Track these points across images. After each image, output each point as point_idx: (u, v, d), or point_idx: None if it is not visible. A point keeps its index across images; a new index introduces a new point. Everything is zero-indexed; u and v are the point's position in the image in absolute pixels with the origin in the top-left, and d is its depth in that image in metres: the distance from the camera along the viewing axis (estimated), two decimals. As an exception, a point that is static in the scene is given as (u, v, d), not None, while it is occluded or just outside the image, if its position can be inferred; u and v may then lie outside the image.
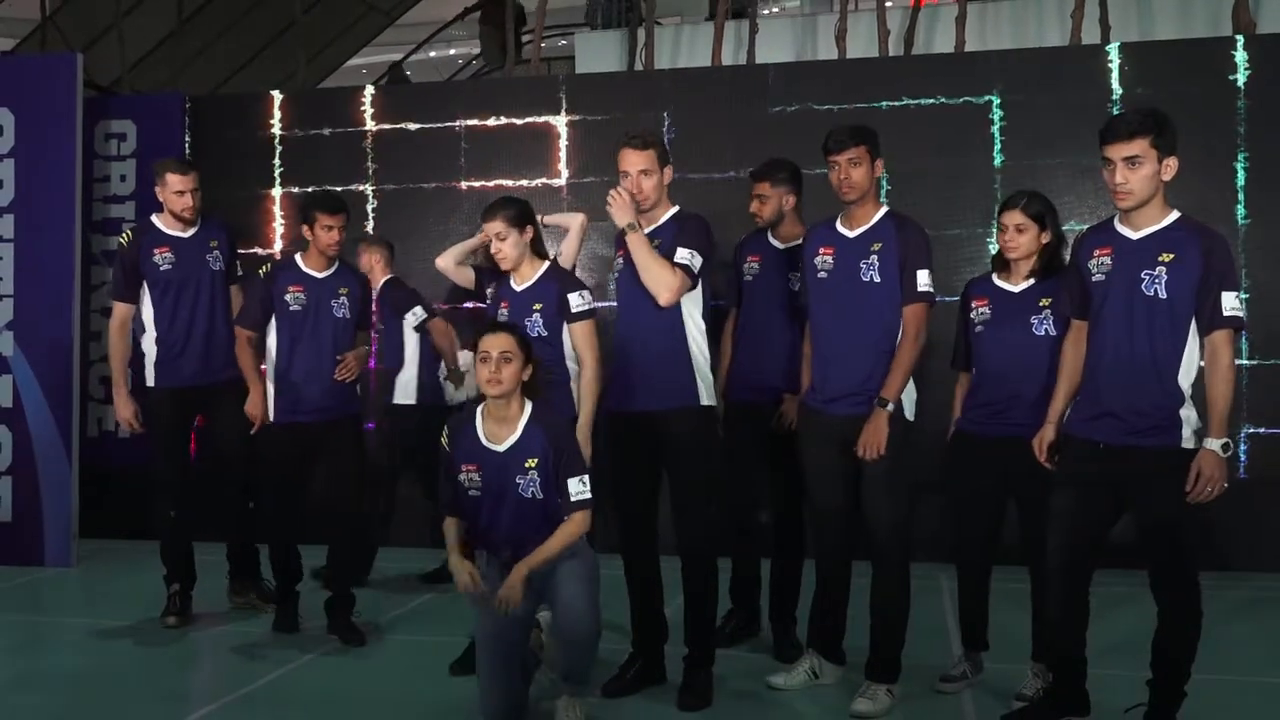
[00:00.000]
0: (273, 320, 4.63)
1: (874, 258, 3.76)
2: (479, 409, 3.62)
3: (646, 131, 3.92)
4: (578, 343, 3.93)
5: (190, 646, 4.63)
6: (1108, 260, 3.32)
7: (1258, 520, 5.89)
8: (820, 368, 3.88)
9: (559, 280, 4.02)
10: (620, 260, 3.93)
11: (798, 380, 4.08)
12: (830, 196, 3.89)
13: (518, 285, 4.02)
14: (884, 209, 3.87)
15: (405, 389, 5.64)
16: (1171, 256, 3.22)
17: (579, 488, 3.51)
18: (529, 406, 3.57)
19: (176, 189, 4.87)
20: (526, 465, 3.50)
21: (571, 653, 3.48)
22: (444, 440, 3.65)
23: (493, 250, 4.02)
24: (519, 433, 3.54)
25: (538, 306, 3.94)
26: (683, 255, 3.76)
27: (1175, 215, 3.29)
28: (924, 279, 3.74)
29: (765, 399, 4.29)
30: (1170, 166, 3.23)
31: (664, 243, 3.80)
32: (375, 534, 5.78)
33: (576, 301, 3.94)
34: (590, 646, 3.49)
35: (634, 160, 3.81)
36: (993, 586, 4.01)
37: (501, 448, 3.54)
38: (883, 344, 3.77)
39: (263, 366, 4.72)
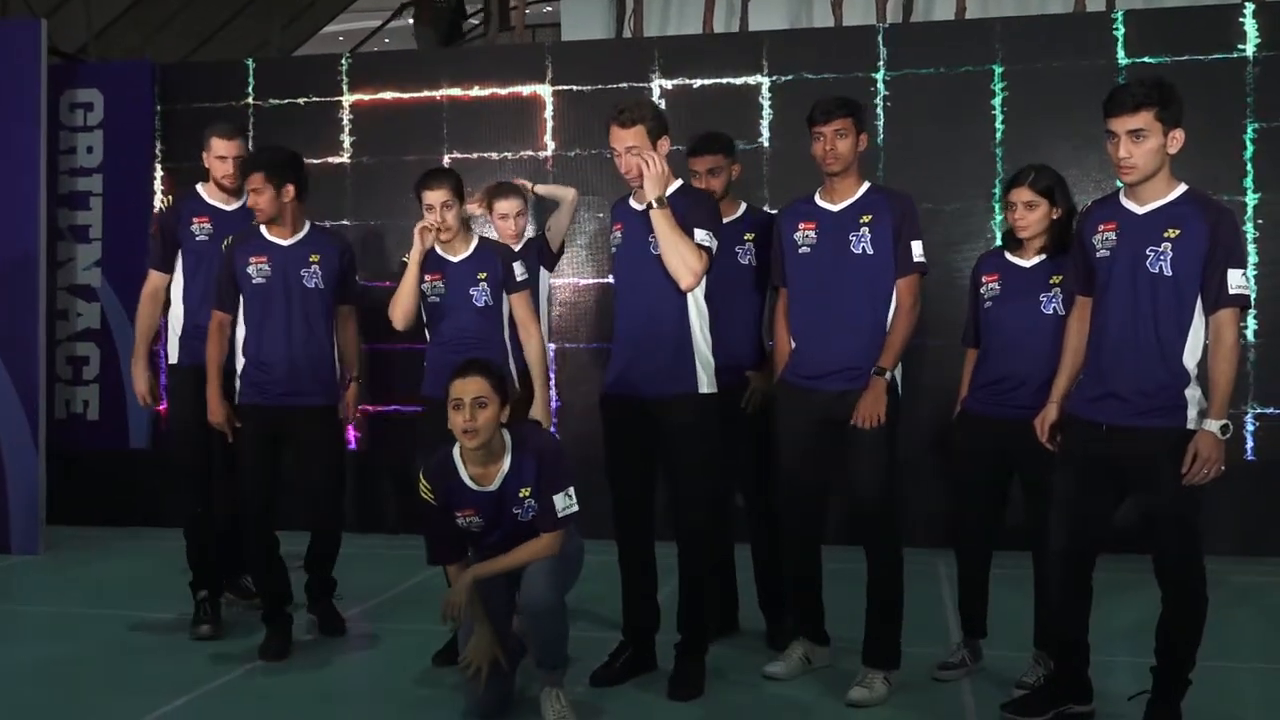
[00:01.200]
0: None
1: (864, 230, 3.80)
2: (455, 453, 3.55)
3: (636, 105, 3.84)
4: (521, 314, 4.18)
5: (165, 637, 4.60)
6: (1112, 236, 3.31)
7: (1265, 503, 5.91)
8: (805, 344, 3.88)
9: (498, 251, 4.27)
10: (619, 234, 3.90)
11: (762, 356, 4.19)
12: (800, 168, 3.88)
13: (453, 257, 4.19)
14: (866, 182, 3.91)
15: None
16: (1177, 232, 3.22)
17: (565, 502, 3.52)
18: (508, 437, 3.54)
19: (219, 154, 4.70)
20: (521, 495, 3.52)
21: (535, 629, 3.50)
22: (425, 493, 3.57)
23: (432, 221, 4.13)
24: (506, 468, 3.53)
25: (482, 275, 4.17)
26: (701, 237, 3.73)
27: (1182, 189, 3.28)
28: (918, 250, 3.81)
29: (733, 380, 4.23)
30: (1176, 139, 3.22)
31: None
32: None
33: (519, 271, 4.23)
34: (551, 621, 3.47)
35: (621, 138, 3.75)
36: (992, 572, 4.01)
37: (492, 487, 3.54)
38: (875, 316, 3.81)
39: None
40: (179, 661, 4.29)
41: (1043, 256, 3.87)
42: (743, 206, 4.44)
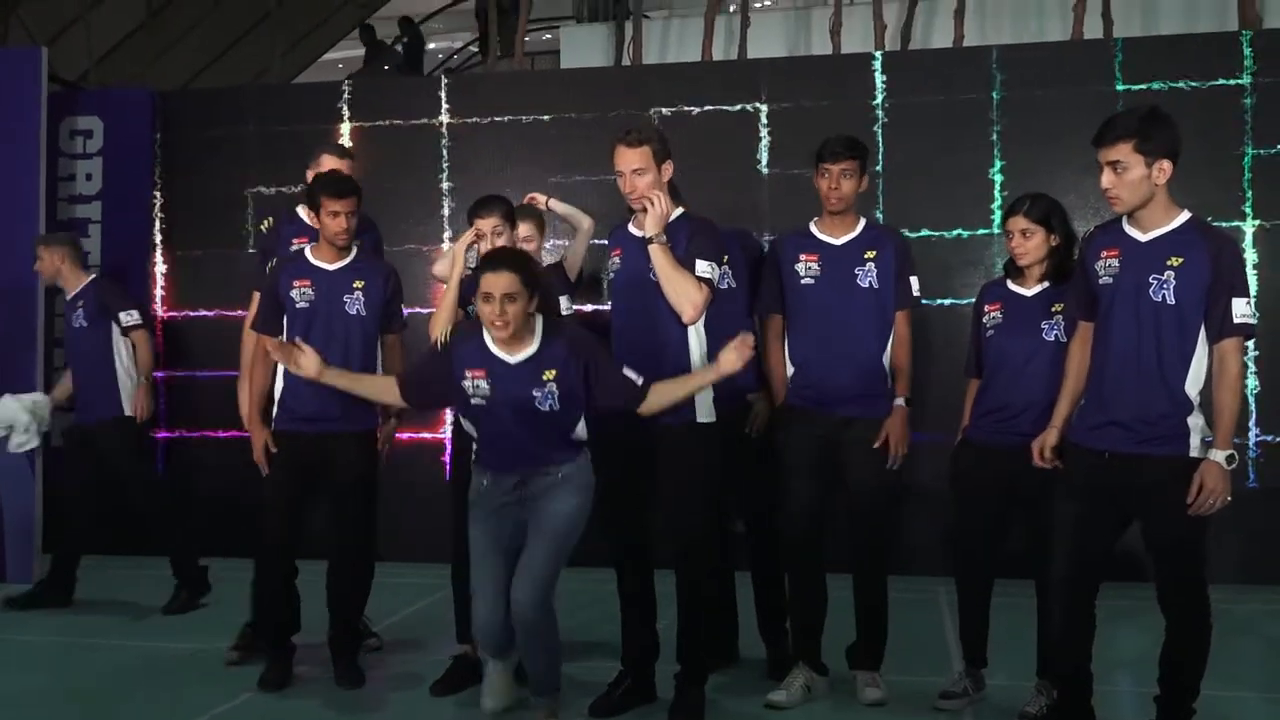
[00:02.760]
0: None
1: (870, 265, 4.02)
2: (484, 329, 3.49)
3: (641, 127, 3.91)
4: None
5: (160, 667, 4.59)
6: (1115, 263, 3.32)
7: (1268, 532, 5.89)
8: (810, 371, 4.04)
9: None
10: (617, 261, 3.92)
11: (762, 379, 4.27)
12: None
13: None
14: (862, 219, 4.13)
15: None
16: (1180, 260, 3.22)
17: (635, 374, 3.53)
18: (539, 323, 3.50)
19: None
20: (544, 377, 3.45)
21: (525, 645, 3.49)
22: (441, 340, 3.59)
23: (482, 248, 4.04)
24: (535, 346, 3.48)
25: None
26: (703, 269, 3.76)
27: (1185, 217, 3.29)
28: (916, 285, 4.09)
29: (732, 405, 4.24)
30: (1164, 170, 3.22)
31: (674, 247, 3.77)
32: None
33: (564, 305, 4.22)
34: (535, 634, 3.45)
35: (627, 159, 3.78)
36: (994, 600, 4.00)
37: (515, 359, 3.47)
38: (879, 346, 4.03)
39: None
40: (174, 691, 4.27)
41: (1044, 285, 3.90)
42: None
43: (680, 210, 3.89)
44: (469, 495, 3.64)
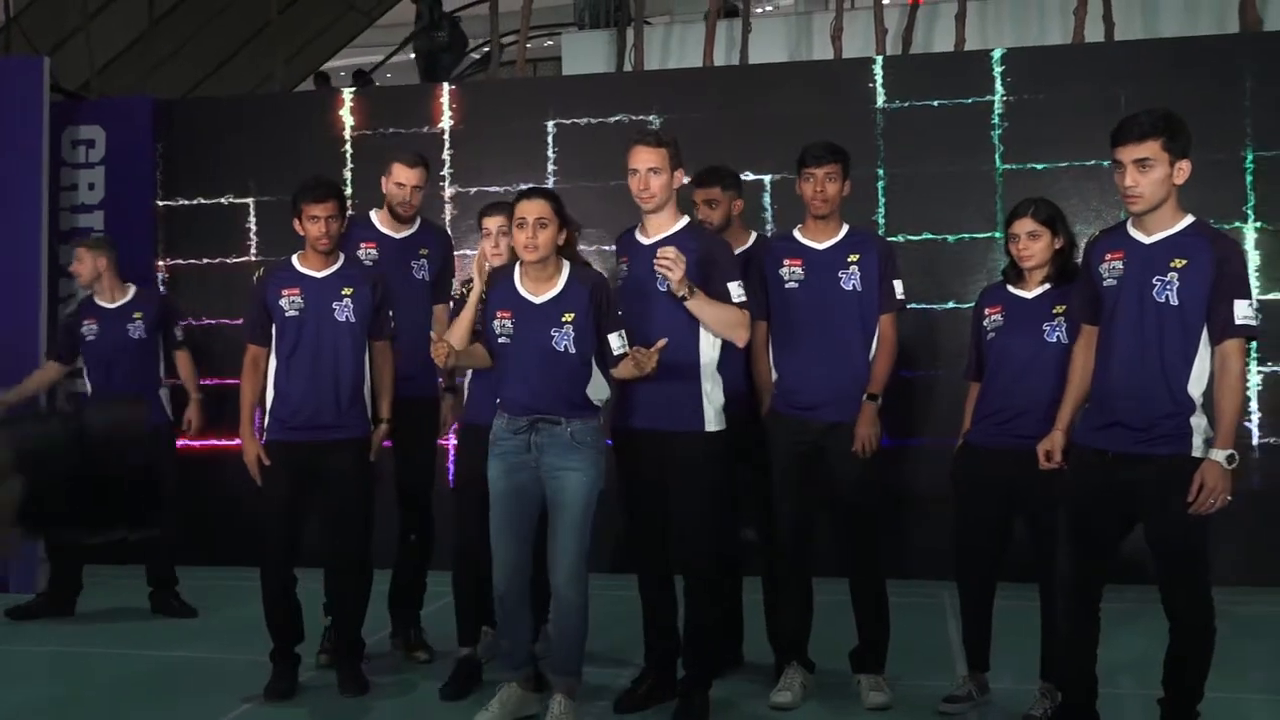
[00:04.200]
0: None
1: (854, 269, 4.07)
2: (517, 265, 3.78)
3: (662, 131, 4.01)
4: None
5: (162, 676, 4.60)
6: (1119, 265, 3.34)
7: (1271, 533, 5.90)
8: (795, 376, 4.08)
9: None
10: (625, 268, 3.97)
11: (749, 383, 4.28)
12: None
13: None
14: (845, 224, 4.17)
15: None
16: (1184, 262, 3.24)
17: (616, 342, 3.72)
18: (566, 266, 3.78)
19: (399, 180, 4.66)
20: (563, 319, 3.68)
21: (556, 625, 3.74)
22: (481, 287, 3.84)
23: (492, 251, 4.17)
24: (559, 288, 3.73)
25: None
26: (736, 292, 3.85)
27: (1189, 220, 3.31)
28: (899, 288, 4.13)
29: (737, 409, 4.26)
30: (1183, 170, 3.24)
31: (686, 257, 3.79)
32: None
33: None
34: (571, 611, 3.68)
35: (645, 157, 3.83)
36: (997, 604, 4.01)
37: (539, 300, 3.72)
38: (863, 350, 4.09)
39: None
40: (175, 700, 4.29)
41: (1046, 287, 3.91)
42: (753, 237, 4.55)
43: (685, 220, 3.94)
44: (489, 436, 3.79)
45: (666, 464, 3.86)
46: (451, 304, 4.49)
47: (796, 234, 4.19)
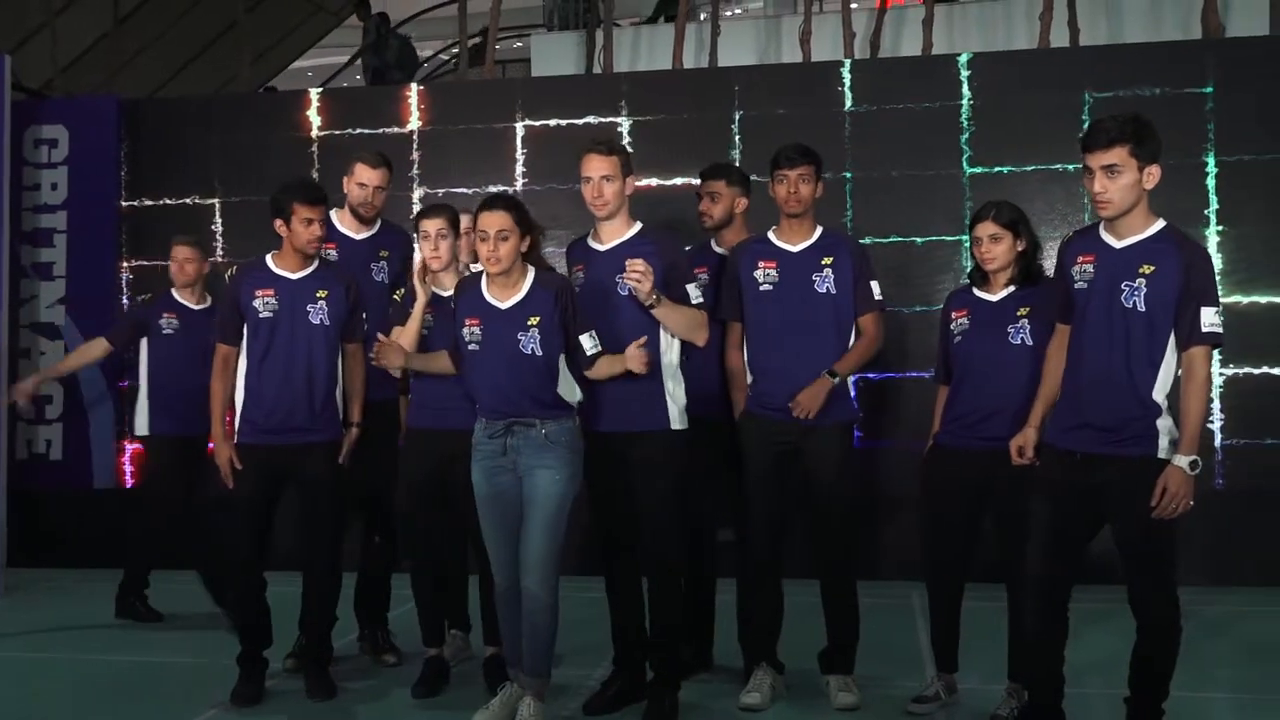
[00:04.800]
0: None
1: (828, 271, 4.08)
2: (484, 274, 3.81)
3: (611, 139, 4.02)
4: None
5: (125, 681, 4.54)
6: (1090, 268, 3.38)
7: (1235, 534, 5.96)
8: (769, 378, 4.08)
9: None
10: (580, 276, 3.98)
11: (723, 386, 4.28)
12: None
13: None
14: (819, 226, 4.19)
15: None
16: (1152, 268, 3.27)
17: (588, 342, 3.75)
18: (531, 271, 3.79)
19: (361, 180, 4.61)
20: (529, 323, 3.71)
21: (527, 622, 3.69)
22: (450, 297, 3.92)
23: (430, 253, 4.16)
24: (523, 293, 3.75)
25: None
26: (694, 294, 3.91)
27: (1159, 225, 3.33)
28: (877, 289, 4.14)
29: (715, 410, 4.29)
30: (1152, 175, 3.27)
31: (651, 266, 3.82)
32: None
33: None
34: (541, 611, 3.64)
35: (597, 165, 3.87)
36: (965, 604, 4.02)
37: (505, 305, 3.74)
38: (837, 351, 4.07)
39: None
40: (140, 706, 4.23)
41: (1010, 289, 3.93)
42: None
43: (638, 226, 3.96)
44: (472, 439, 3.82)
45: (633, 464, 3.86)
46: (391, 310, 4.41)
47: (771, 236, 4.20)
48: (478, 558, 4.14)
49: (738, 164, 6.42)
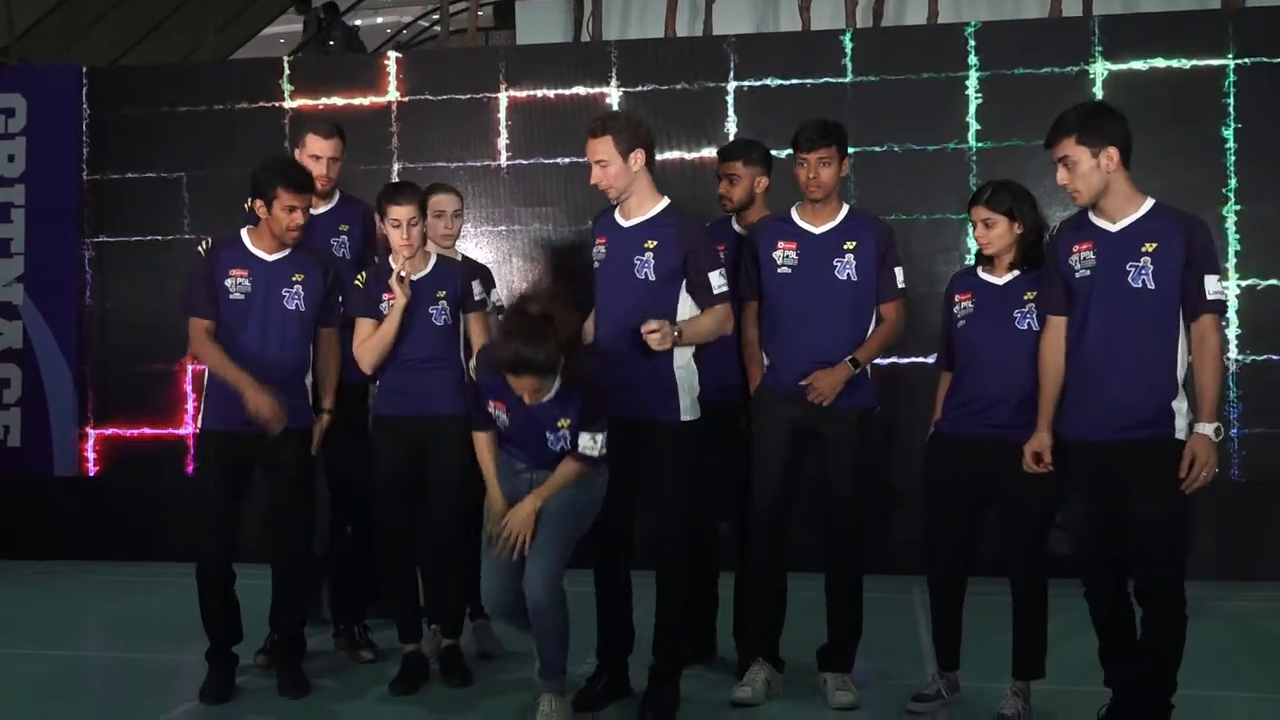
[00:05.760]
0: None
1: (849, 256, 4.06)
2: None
3: (608, 117, 3.94)
4: (475, 332, 4.30)
5: (88, 677, 4.56)
6: (1090, 255, 3.47)
7: (1249, 527, 6.01)
8: (786, 360, 4.08)
9: (457, 270, 4.36)
10: (602, 250, 3.97)
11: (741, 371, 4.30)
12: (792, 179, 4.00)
13: (413, 275, 4.25)
14: (845, 206, 4.16)
15: None
16: (1155, 245, 3.40)
17: (588, 442, 3.70)
18: (558, 383, 3.65)
19: (314, 152, 4.58)
20: (560, 424, 3.71)
21: (536, 629, 3.69)
22: (470, 369, 3.91)
23: (402, 242, 4.18)
24: (551, 395, 3.65)
25: (442, 294, 4.24)
26: (717, 282, 3.87)
27: (1150, 203, 3.47)
28: (900, 276, 4.13)
29: (730, 397, 4.31)
30: (1111, 156, 3.43)
31: (660, 243, 3.83)
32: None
33: (477, 290, 4.36)
34: (546, 615, 3.65)
35: (590, 150, 3.86)
36: (967, 599, 4.05)
37: (531, 403, 3.67)
38: (856, 338, 4.08)
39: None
40: (108, 703, 4.24)
41: (1015, 273, 3.94)
42: None
43: (666, 201, 3.93)
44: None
45: (640, 454, 3.88)
46: (353, 295, 4.34)
47: (794, 214, 4.16)
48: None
49: (733, 135, 6.44)
